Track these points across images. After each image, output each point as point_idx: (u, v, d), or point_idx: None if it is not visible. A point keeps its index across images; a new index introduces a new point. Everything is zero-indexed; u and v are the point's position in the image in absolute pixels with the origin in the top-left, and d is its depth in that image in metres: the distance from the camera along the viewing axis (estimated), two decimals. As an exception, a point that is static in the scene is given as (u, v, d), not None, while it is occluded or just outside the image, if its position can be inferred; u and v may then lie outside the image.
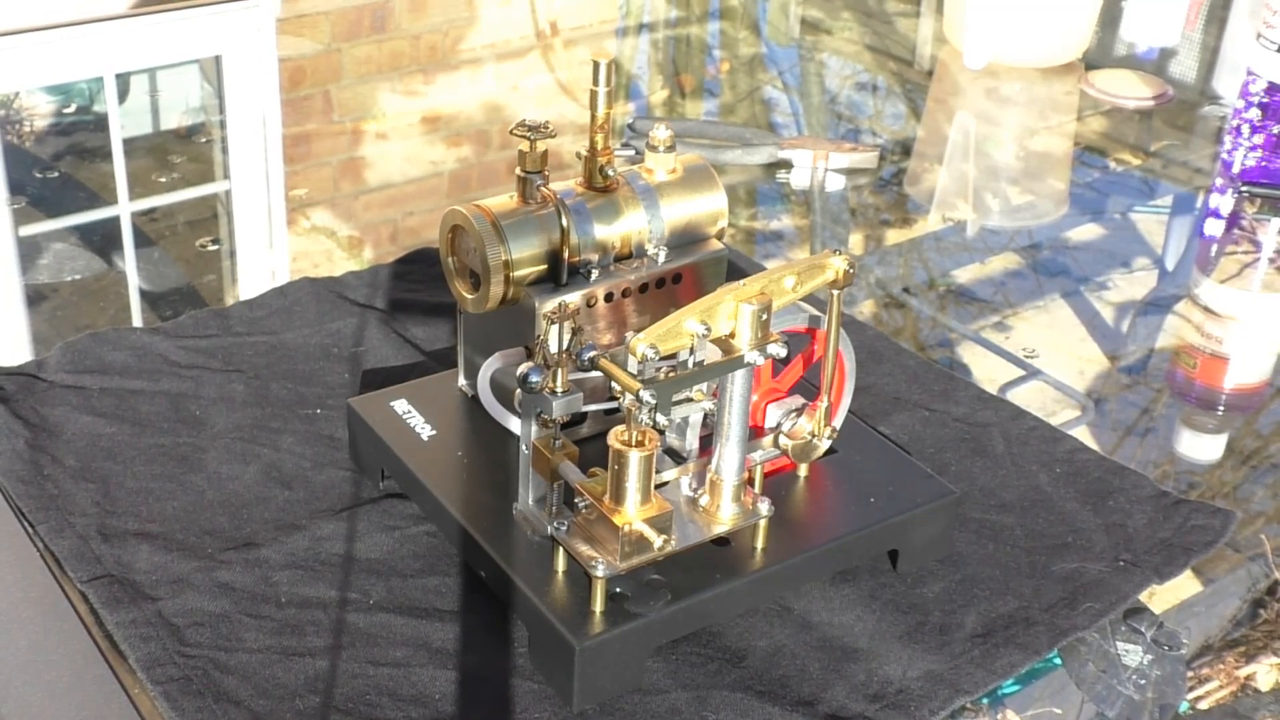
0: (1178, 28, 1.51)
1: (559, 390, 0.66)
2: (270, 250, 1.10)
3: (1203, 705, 0.70)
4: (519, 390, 0.66)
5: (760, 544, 0.70)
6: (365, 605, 0.70)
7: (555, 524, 0.67)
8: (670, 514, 0.66)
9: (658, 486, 0.67)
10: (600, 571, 0.64)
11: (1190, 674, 0.71)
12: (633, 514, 0.65)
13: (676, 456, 0.73)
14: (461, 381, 0.80)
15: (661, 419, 0.64)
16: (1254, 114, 1.16)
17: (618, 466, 0.64)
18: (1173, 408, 0.94)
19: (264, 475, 0.79)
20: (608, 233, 0.74)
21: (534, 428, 0.67)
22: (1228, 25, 1.53)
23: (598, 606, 0.65)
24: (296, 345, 0.90)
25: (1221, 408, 0.95)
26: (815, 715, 0.65)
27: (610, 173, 0.74)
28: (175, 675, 0.65)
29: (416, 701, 0.65)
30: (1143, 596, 0.74)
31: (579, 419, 0.76)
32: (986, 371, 0.95)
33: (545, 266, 0.72)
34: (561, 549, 0.67)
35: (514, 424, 0.74)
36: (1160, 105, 1.35)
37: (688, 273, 0.76)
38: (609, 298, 0.74)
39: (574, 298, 0.72)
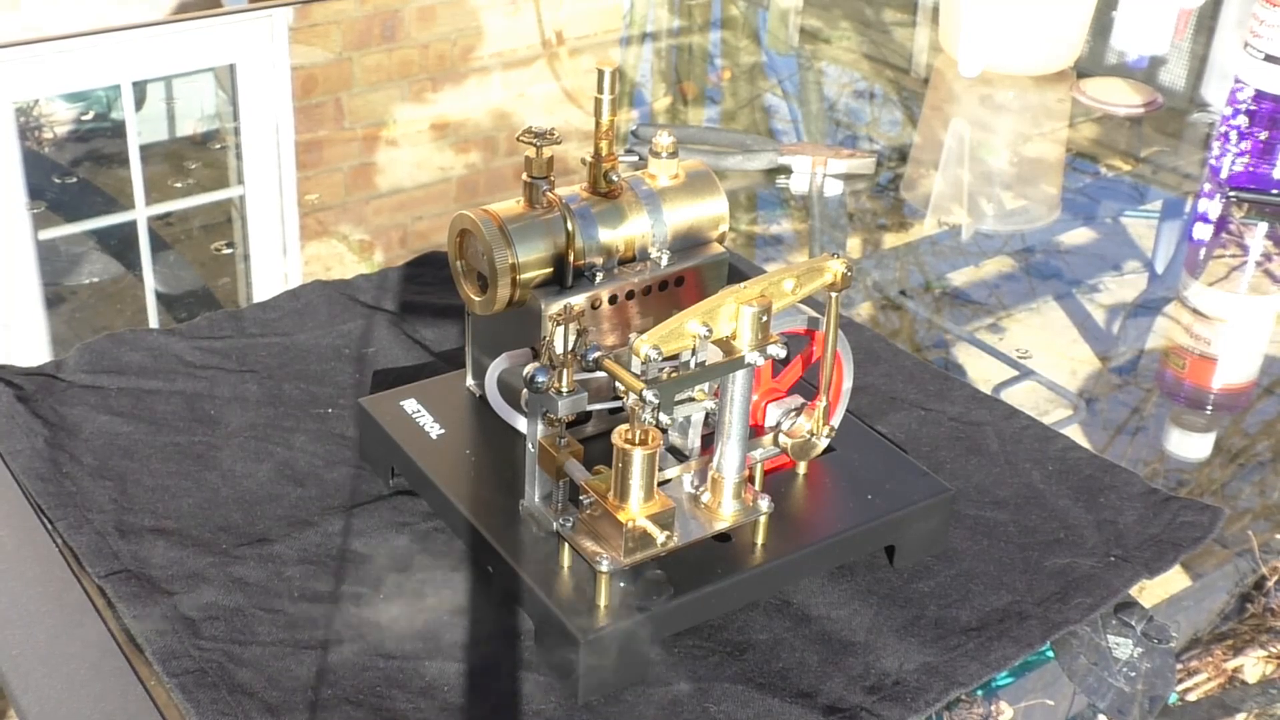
0: (1167, 37, 1.51)
1: (564, 390, 0.66)
2: (283, 254, 1.10)
3: (1191, 697, 0.70)
4: (526, 390, 0.67)
5: (760, 540, 0.70)
6: (375, 599, 0.71)
7: (561, 520, 0.67)
8: (673, 511, 0.66)
9: (660, 484, 0.67)
10: (604, 566, 0.65)
11: (1179, 666, 0.71)
12: (636, 511, 0.65)
13: (679, 455, 0.73)
14: (469, 381, 0.80)
15: (664, 418, 0.64)
16: (1241, 121, 1.16)
17: (621, 464, 0.65)
18: (1162, 407, 0.94)
19: (277, 473, 0.79)
20: (612, 236, 0.74)
21: (540, 427, 0.68)
22: (1216, 34, 1.53)
23: (602, 601, 0.65)
24: (309, 346, 0.91)
25: (1210, 407, 0.95)
26: (814, 707, 0.66)
27: (614, 178, 0.74)
28: (190, 668, 0.66)
29: (425, 693, 0.66)
30: (1133, 591, 0.74)
31: (584, 418, 0.77)
32: (981, 372, 0.95)
33: (551, 269, 0.73)
34: (567, 545, 0.67)
35: (521, 423, 0.75)
36: (1150, 112, 1.36)
37: (690, 275, 0.77)
38: (613, 300, 0.74)
39: (579, 300, 0.73)
